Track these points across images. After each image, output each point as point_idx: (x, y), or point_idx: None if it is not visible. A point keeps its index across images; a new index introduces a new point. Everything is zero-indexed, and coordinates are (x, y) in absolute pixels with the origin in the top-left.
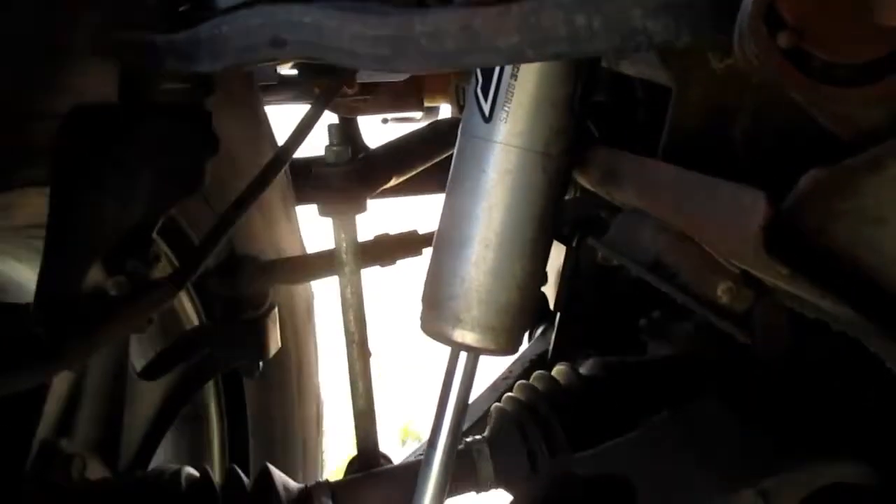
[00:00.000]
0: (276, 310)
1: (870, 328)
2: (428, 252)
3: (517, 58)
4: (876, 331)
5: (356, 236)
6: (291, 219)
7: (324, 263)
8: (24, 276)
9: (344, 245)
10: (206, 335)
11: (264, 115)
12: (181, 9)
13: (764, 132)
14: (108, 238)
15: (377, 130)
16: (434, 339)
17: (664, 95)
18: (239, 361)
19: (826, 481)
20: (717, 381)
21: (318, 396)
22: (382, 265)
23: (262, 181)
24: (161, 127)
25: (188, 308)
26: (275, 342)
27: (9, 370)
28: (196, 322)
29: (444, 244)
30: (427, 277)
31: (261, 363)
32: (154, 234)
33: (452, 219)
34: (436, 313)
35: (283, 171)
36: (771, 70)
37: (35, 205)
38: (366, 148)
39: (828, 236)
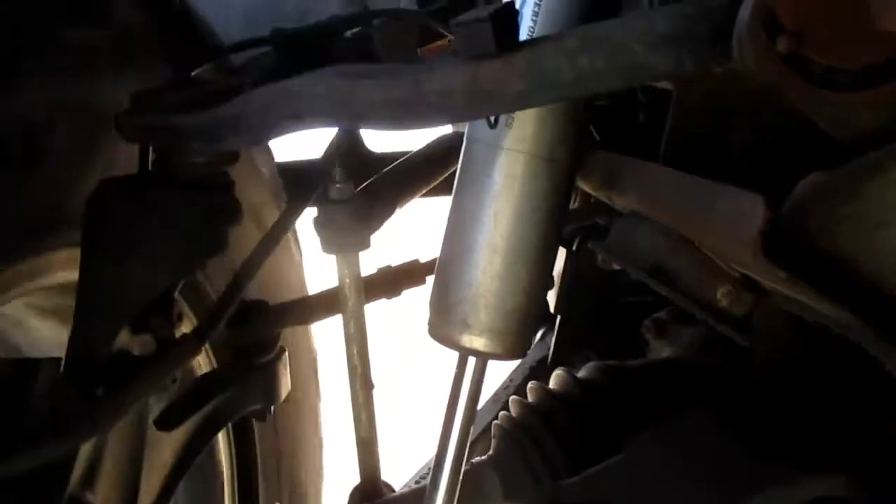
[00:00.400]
0: (287, 354)
1: (869, 332)
2: (430, 280)
3: (524, 105)
4: (875, 334)
5: (359, 272)
6: (294, 258)
7: (332, 302)
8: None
9: (347, 281)
10: (219, 383)
11: (272, 161)
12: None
13: (763, 137)
14: (135, 302)
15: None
16: (442, 343)
17: (664, 100)
18: (252, 407)
19: (816, 495)
20: (712, 387)
21: (320, 436)
22: (388, 297)
23: (277, 233)
24: (186, 197)
25: (199, 358)
26: (286, 386)
27: (46, 439)
28: (206, 370)
29: (450, 249)
30: (434, 283)
31: (272, 407)
32: (176, 294)
33: (459, 224)
34: (443, 318)
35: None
36: (770, 75)
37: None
38: (371, 156)
39: (827, 240)
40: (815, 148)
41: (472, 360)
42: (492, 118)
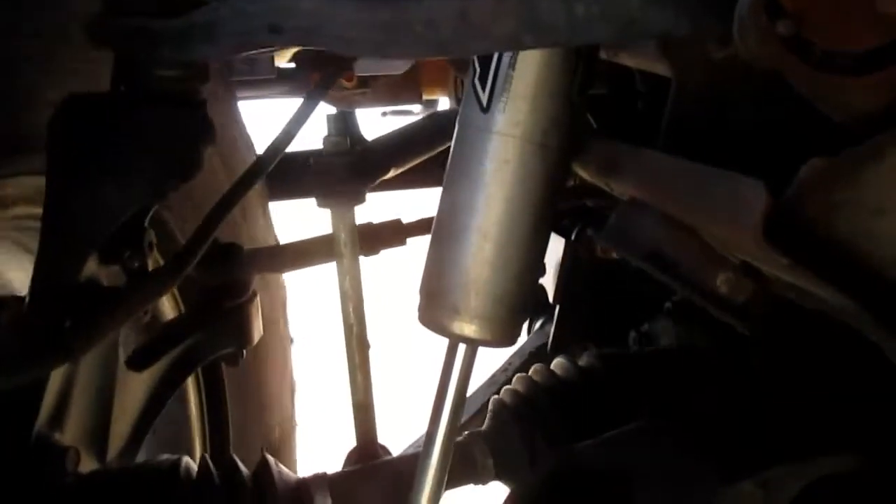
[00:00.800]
0: (258, 298)
1: (869, 318)
2: (412, 242)
3: (513, 45)
4: (875, 321)
5: (355, 227)
6: (267, 214)
7: (304, 253)
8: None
9: (342, 236)
10: (191, 324)
11: (237, 111)
12: None
13: (764, 122)
14: (106, 227)
15: (376, 124)
16: (432, 330)
17: (664, 86)
18: (224, 350)
19: (824, 472)
20: (713, 374)
21: (291, 381)
22: (366, 255)
23: (253, 175)
24: (157, 114)
25: (166, 299)
26: (258, 330)
27: (13, 364)
28: (173, 310)
29: (442, 235)
30: (425, 269)
31: (244, 351)
32: (146, 224)
33: (450, 210)
34: (433, 304)
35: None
36: (771, 59)
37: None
38: (364, 141)
39: (828, 226)
40: (815, 133)
41: (462, 347)
42: (484, 101)
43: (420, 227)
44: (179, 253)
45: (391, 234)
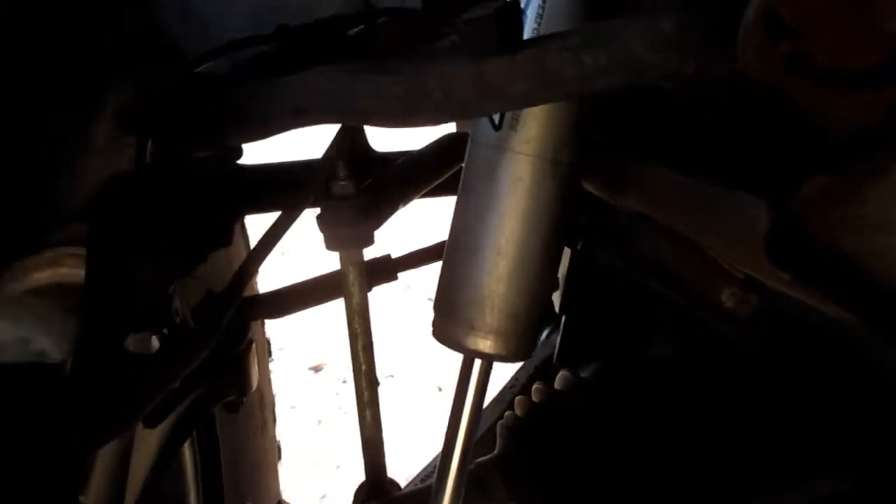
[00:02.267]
0: (254, 344)
1: (873, 335)
2: (402, 276)
3: (528, 103)
4: (878, 337)
5: (364, 269)
6: (244, 231)
7: (303, 296)
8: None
9: (351, 278)
10: (198, 374)
11: None
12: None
13: (767, 138)
14: (145, 298)
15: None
16: (447, 346)
17: (667, 101)
18: (227, 397)
19: (815, 496)
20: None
21: (274, 423)
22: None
23: (277, 231)
24: (193, 192)
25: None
26: (256, 376)
27: (85, 436)
28: None
29: (455, 252)
30: (439, 285)
31: (244, 398)
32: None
33: (464, 227)
34: (448, 320)
35: None
36: (774, 76)
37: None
38: (374, 154)
39: (831, 242)
40: (818, 149)
41: (477, 362)
42: (496, 120)
43: (410, 260)
44: (209, 312)
45: (382, 270)
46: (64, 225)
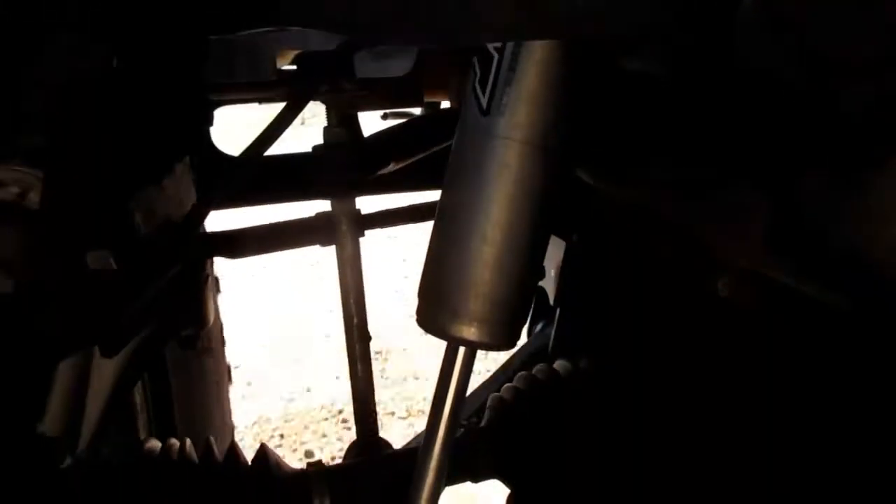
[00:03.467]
0: (211, 279)
1: (874, 325)
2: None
3: (514, 34)
4: (880, 328)
5: (357, 217)
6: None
7: (263, 240)
8: None
9: (343, 228)
10: (155, 306)
11: None
12: None
13: (766, 129)
14: (105, 210)
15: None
16: (431, 333)
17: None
18: (184, 331)
19: None
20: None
21: (225, 362)
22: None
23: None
24: (159, 95)
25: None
26: (213, 311)
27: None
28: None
29: (441, 238)
30: (424, 272)
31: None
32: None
33: (450, 213)
34: (433, 308)
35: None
36: (773, 66)
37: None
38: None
39: (830, 234)
40: (818, 141)
41: (461, 350)
42: (484, 104)
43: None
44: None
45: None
46: (19, 139)
